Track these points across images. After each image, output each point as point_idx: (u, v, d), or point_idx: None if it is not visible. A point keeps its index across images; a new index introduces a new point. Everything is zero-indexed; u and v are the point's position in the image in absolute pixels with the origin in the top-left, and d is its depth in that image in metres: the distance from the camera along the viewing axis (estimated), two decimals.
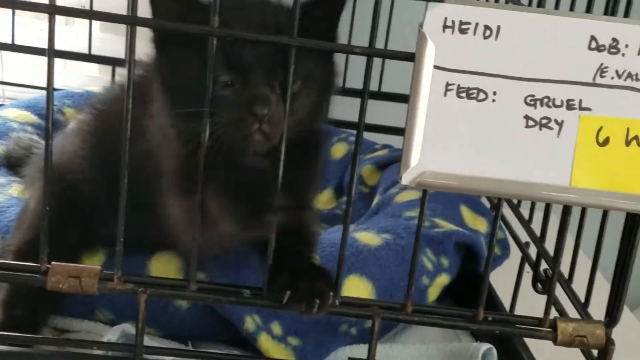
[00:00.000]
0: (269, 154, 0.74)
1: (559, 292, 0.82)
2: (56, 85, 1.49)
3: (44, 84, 1.37)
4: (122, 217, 0.68)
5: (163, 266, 0.83)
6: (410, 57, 0.65)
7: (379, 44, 0.66)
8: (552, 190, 0.65)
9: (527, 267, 0.95)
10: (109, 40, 1.58)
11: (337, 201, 1.30)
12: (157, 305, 0.82)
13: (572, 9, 0.71)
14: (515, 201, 0.98)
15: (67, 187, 0.82)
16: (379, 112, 1.51)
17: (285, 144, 0.71)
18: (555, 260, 0.72)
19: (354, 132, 1.39)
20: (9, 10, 1.45)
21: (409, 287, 0.72)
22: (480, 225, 1.05)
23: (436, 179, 0.66)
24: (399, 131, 1.45)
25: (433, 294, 0.97)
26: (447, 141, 0.65)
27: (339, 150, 1.36)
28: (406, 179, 0.66)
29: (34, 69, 1.63)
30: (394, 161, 1.25)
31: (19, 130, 1.17)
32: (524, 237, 0.99)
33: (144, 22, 0.63)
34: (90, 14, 0.75)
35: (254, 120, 0.69)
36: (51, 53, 0.64)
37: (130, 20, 0.63)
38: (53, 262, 0.69)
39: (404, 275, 0.91)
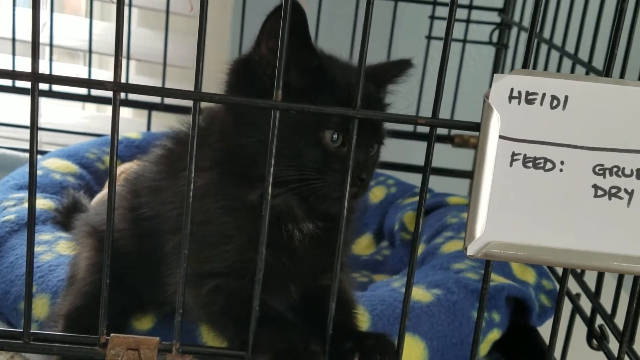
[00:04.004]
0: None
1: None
2: (90, 129, 1.53)
3: (81, 129, 1.38)
4: (182, 287, 0.67)
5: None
6: (475, 127, 0.64)
7: None
8: (622, 261, 0.63)
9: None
10: (145, 84, 1.59)
11: (377, 246, 1.29)
12: None
13: None
14: (578, 271, 0.96)
15: (113, 253, 0.82)
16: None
17: None
18: (623, 335, 0.70)
19: (392, 174, 1.41)
20: (47, 57, 1.47)
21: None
22: (529, 276, 1.04)
23: (502, 249, 0.64)
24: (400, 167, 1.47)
25: (484, 349, 0.96)
26: (513, 211, 0.64)
27: (377, 193, 1.35)
28: (472, 249, 0.65)
29: (70, 114, 1.64)
30: (436, 207, 1.24)
31: (62, 180, 1.17)
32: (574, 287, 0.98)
33: (208, 98, 0.63)
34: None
35: (356, 184, 0.73)
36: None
37: (195, 96, 0.62)
38: (112, 334, 0.68)
39: (456, 333, 0.90)
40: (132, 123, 1.64)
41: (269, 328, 0.69)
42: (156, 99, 1.45)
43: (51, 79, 0.65)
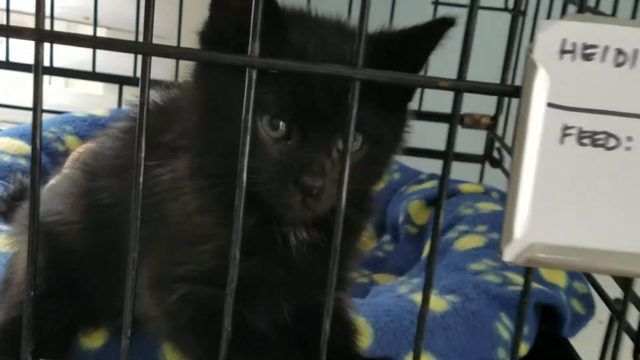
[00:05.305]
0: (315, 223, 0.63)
1: None
2: (56, 107, 1.38)
3: (47, 106, 1.22)
4: (131, 302, 0.52)
5: None
6: (514, 92, 0.48)
7: None
8: None
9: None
10: (116, 56, 1.43)
11: (378, 241, 1.14)
12: None
13: None
14: None
15: (60, 252, 0.67)
16: None
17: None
18: None
19: (396, 159, 1.25)
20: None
21: None
22: (558, 277, 0.89)
23: (550, 254, 0.50)
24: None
25: None
26: (565, 203, 0.50)
27: None
28: (509, 254, 0.50)
29: (28, 89, 1.47)
30: (447, 196, 1.09)
31: (11, 163, 1.01)
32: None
33: (160, 51, 0.47)
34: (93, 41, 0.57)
35: (298, 191, 0.56)
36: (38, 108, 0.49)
37: (143, 49, 0.46)
38: None
39: (477, 349, 0.77)
40: (103, 100, 1.49)
41: (247, 351, 0.57)
42: (129, 72, 1.30)
43: None
